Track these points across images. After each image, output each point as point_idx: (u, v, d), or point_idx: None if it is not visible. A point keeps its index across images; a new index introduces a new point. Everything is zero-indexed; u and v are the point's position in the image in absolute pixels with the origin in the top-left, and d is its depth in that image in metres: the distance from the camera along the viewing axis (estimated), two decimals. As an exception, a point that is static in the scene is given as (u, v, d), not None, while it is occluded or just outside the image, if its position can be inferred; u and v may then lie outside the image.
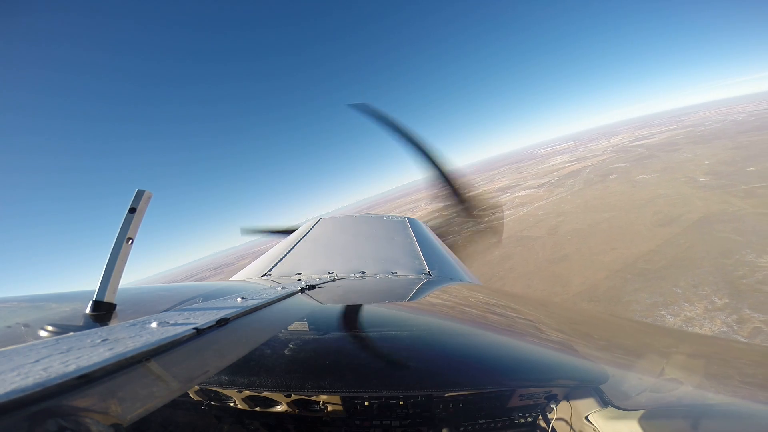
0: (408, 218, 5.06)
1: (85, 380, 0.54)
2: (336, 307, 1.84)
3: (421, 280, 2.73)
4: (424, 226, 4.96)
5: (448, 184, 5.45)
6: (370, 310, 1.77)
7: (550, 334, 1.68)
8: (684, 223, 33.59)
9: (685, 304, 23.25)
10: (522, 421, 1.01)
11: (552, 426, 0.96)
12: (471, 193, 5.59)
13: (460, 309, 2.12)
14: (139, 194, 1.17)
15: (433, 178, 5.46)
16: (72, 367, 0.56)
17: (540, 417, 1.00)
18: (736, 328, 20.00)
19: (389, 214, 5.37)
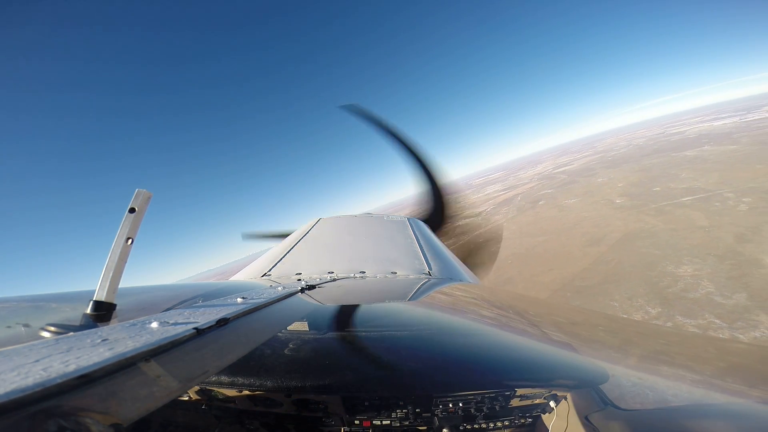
0: (408, 218, 5.06)
1: (85, 380, 0.54)
2: (336, 307, 1.84)
3: (421, 280, 2.73)
4: (424, 225, 4.95)
5: (434, 185, 5.44)
6: (370, 310, 1.77)
7: (550, 334, 1.68)
8: (609, 242, 37.26)
9: (624, 316, 24.97)
10: (522, 421, 1.02)
11: (552, 426, 0.96)
12: (455, 198, 5.57)
13: (460, 309, 2.12)
14: (139, 194, 1.17)
15: (420, 180, 5.44)
16: (72, 367, 0.56)
17: (540, 417, 1.00)
18: (673, 334, 21.75)
19: (389, 214, 5.37)
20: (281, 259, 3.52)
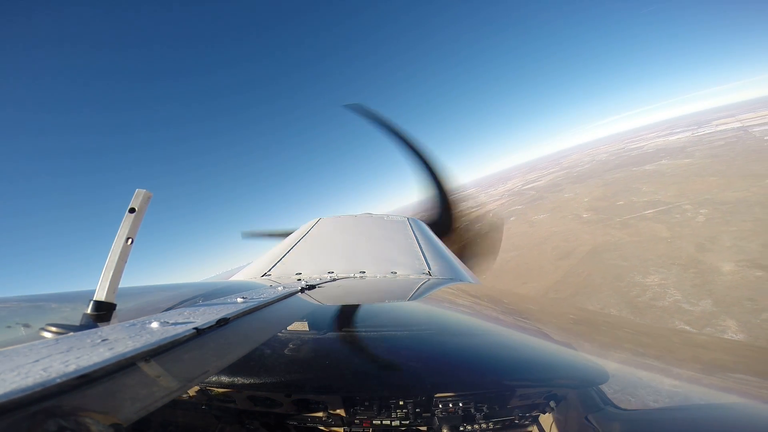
0: (408, 218, 5.06)
1: (85, 380, 0.54)
2: (336, 307, 1.85)
3: (422, 280, 2.73)
4: (424, 225, 4.95)
5: (440, 187, 5.41)
6: (370, 310, 1.78)
7: (550, 334, 1.68)
8: (579, 255, 38.75)
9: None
10: (522, 421, 1.01)
11: (552, 426, 0.96)
12: (460, 201, 5.55)
13: (460, 309, 2.12)
14: (139, 194, 1.17)
15: (426, 181, 5.42)
16: (72, 367, 0.56)
17: (540, 417, 1.00)
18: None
19: (389, 214, 5.37)
20: (281, 259, 3.53)
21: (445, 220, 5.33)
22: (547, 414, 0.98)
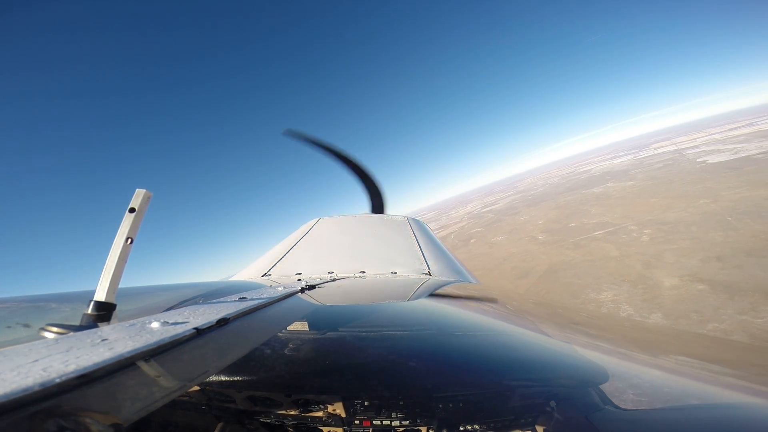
0: (408, 217, 5.06)
1: (85, 380, 0.54)
2: (336, 307, 1.85)
3: (422, 280, 2.73)
4: (424, 225, 4.96)
5: (370, 181, 5.78)
6: (370, 310, 1.78)
7: (550, 334, 1.68)
8: (536, 275, 41.02)
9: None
10: (522, 421, 1.01)
11: (552, 426, 0.96)
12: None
13: (460, 309, 2.12)
14: (139, 194, 1.17)
15: (360, 182, 5.88)
16: (72, 367, 0.56)
17: (540, 417, 1.00)
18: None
19: (389, 214, 5.38)
20: (281, 259, 3.53)
21: (380, 202, 5.92)
22: (547, 414, 0.98)
